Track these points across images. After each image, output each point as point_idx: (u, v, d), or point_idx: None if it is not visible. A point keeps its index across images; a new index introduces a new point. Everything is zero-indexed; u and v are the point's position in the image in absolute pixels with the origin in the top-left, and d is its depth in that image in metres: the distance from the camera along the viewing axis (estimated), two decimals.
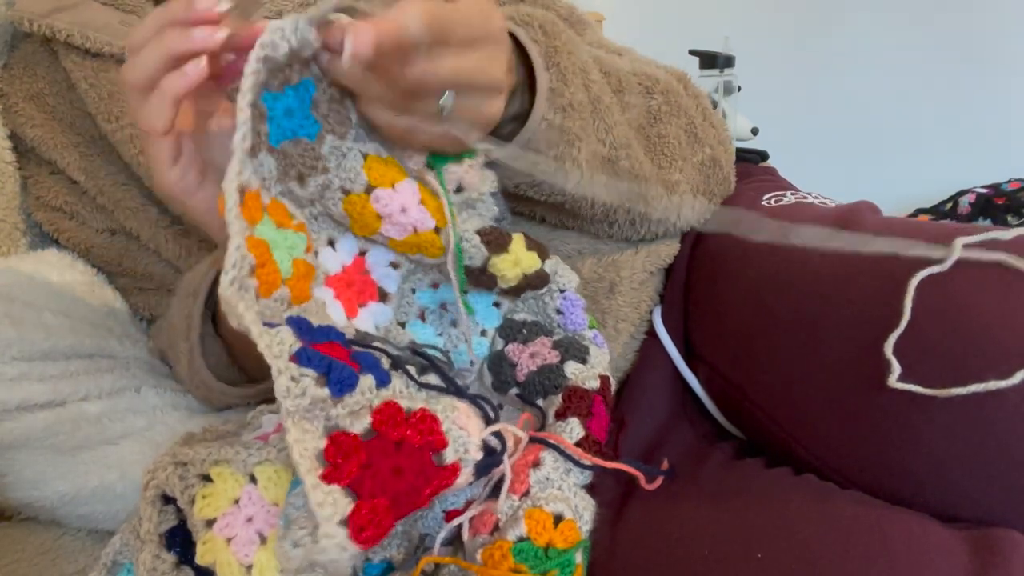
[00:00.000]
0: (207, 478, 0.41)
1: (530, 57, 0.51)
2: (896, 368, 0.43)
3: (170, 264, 0.67)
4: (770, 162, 1.11)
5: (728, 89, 1.28)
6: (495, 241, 0.49)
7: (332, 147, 0.44)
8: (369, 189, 0.45)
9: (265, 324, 0.37)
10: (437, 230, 0.47)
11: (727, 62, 1.29)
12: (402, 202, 0.46)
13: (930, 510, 0.43)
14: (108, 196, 0.66)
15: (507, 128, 0.52)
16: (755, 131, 1.30)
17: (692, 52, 1.32)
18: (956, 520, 0.43)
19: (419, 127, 0.44)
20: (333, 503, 0.34)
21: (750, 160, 0.99)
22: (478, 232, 0.49)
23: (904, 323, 0.43)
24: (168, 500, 0.42)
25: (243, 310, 0.36)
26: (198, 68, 0.40)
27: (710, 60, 1.30)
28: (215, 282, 0.53)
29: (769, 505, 0.45)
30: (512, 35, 0.51)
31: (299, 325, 0.39)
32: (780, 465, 0.53)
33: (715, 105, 0.71)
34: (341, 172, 0.45)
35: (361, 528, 0.34)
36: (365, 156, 0.46)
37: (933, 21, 1.94)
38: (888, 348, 0.43)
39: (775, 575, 0.39)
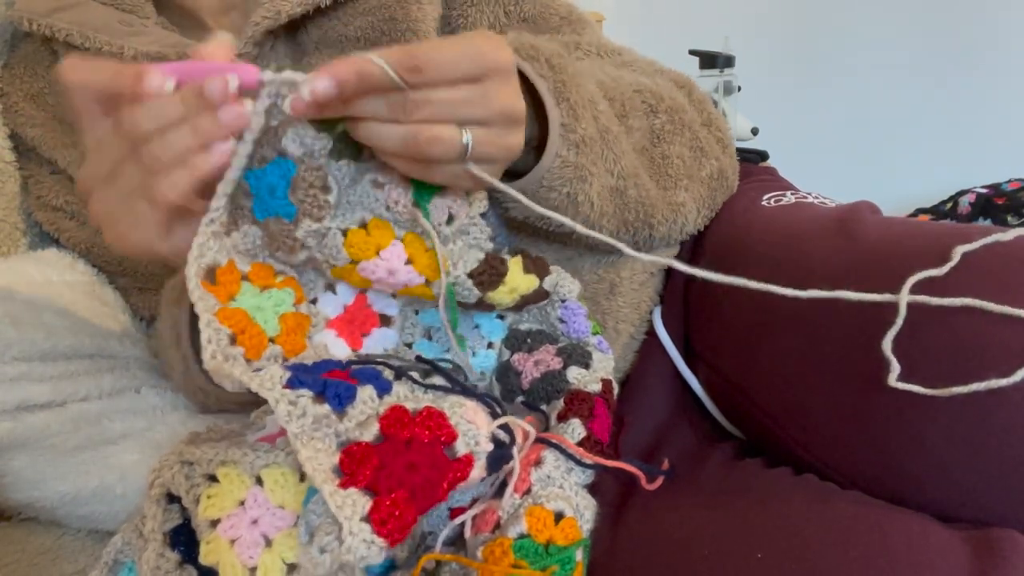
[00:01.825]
0: (213, 478, 0.41)
1: (538, 91, 0.51)
2: (895, 367, 0.43)
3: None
4: (770, 162, 1.11)
5: (728, 89, 1.29)
6: (488, 280, 0.49)
7: (308, 231, 0.44)
8: (353, 263, 0.46)
9: (255, 371, 0.38)
10: (428, 283, 0.48)
11: (727, 62, 1.29)
12: (389, 267, 0.46)
13: (930, 510, 0.44)
14: None
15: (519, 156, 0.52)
16: (755, 131, 1.30)
17: (692, 52, 1.32)
18: (956, 520, 0.43)
19: (440, 169, 0.44)
20: (352, 503, 0.35)
21: (750, 160, 0.99)
22: (471, 274, 0.49)
23: (900, 321, 0.43)
24: (173, 499, 0.43)
25: (229, 369, 0.38)
26: (226, 150, 0.40)
27: (710, 60, 1.30)
28: None
29: (769, 505, 0.45)
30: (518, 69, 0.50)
31: (292, 367, 0.40)
32: (780, 465, 0.53)
33: (715, 105, 0.72)
34: (323, 250, 0.45)
35: (383, 521, 0.35)
36: (345, 232, 0.45)
37: (933, 21, 1.94)
38: (886, 347, 0.43)
39: (775, 575, 0.39)
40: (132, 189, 0.41)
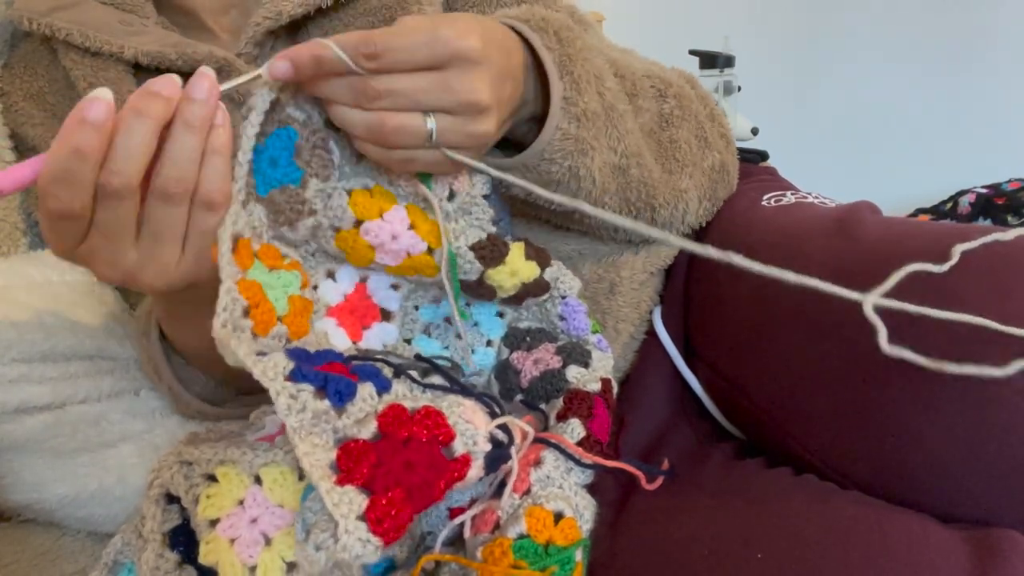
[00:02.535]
0: (212, 478, 0.41)
1: (544, 65, 0.51)
2: (882, 329, 0.42)
3: None
4: (770, 162, 1.11)
5: (728, 89, 1.29)
6: (490, 255, 0.50)
7: (317, 190, 0.45)
8: (358, 223, 0.46)
9: (259, 355, 0.38)
10: (430, 251, 0.48)
11: (727, 62, 1.29)
12: (392, 230, 0.47)
13: (930, 510, 0.44)
14: None
15: (522, 130, 0.52)
16: (755, 131, 1.30)
17: (692, 52, 1.32)
18: (956, 520, 0.43)
19: (412, 156, 0.44)
20: (349, 501, 0.35)
21: (750, 160, 0.99)
22: (472, 247, 0.49)
23: (887, 286, 0.42)
24: (172, 499, 0.43)
25: (235, 347, 0.37)
26: (227, 119, 0.40)
27: (710, 60, 1.30)
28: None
29: (769, 505, 0.45)
30: (528, 41, 0.51)
31: (295, 353, 0.40)
32: (780, 465, 0.53)
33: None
34: (328, 212, 0.46)
35: (379, 520, 0.35)
36: (350, 192, 0.46)
37: (933, 21, 1.94)
38: (868, 311, 0.42)
39: (775, 575, 0.39)
40: (171, 223, 0.40)
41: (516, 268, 0.51)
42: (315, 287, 0.49)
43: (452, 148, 0.44)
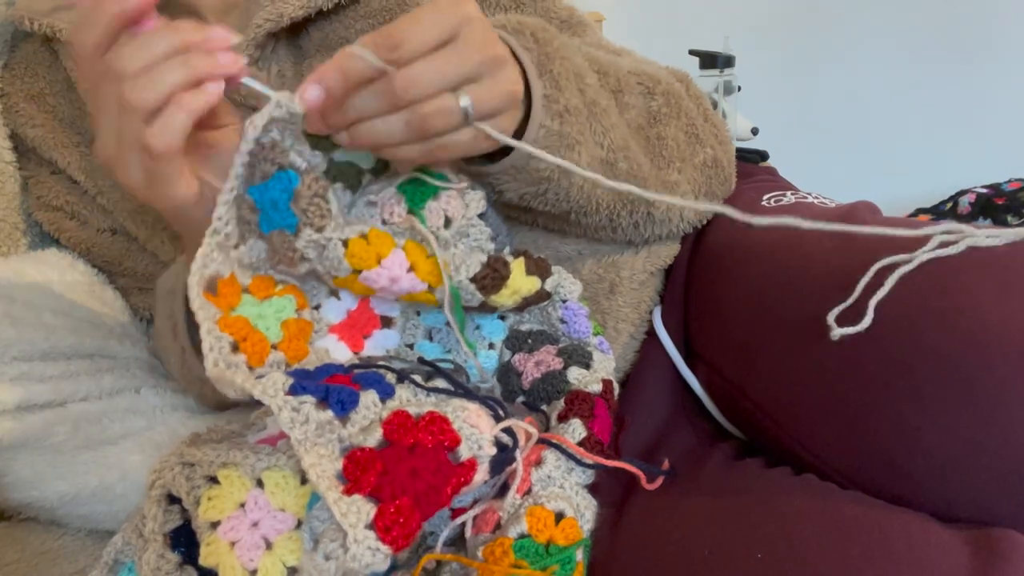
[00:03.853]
0: (214, 480, 0.41)
1: (523, 65, 0.51)
2: (835, 327, 0.44)
3: (169, 265, 0.67)
4: (770, 162, 1.11)
5: (728, 89, 1.28)
6: (491, 284, 0.50)
7: (309, 240, 0.44)
8: (356, 272, 0.46)
9: (258, 378, 0.39)
10: (431, 289, 0.48)
11: (727, 62, 1.29)
12: (390, 276, 0.46)
13: (930, 510, 0.44)
14: (108, 196, 0.66)
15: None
16: (755, 131, 1.30)
17: (692, 52, 1.32)
18: (956, 520, 0.43)
19: (451, 141, 0.45)
20: (357, 510, 0.35)
21: (750, 160, 0.99)
22: (473, 279, 0.49)
23: (851, 300, 0.44)
24: (173, 500, 0.43)
25: (232, 377, 0.38)
26: (219, 87, 0.41)
27: (710, 60, 1.30)
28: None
29: (769, 505, 0.45)
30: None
31: (295, 373, 0.40)
32: (780, 465, 0.53)
33: (715, 105, 0.72)
34: (324, 262, 0.45)
35: (387, 528, 0.35)
36: (346, 243, 0.45)
37: (933, 21, 1.94)
38: (831, 318, 0.45)
39: (775, 575, 0.39)
40: (132, 138, 0.40)
41: (517, 287, 0.51)
42: (317, 307, 0.49)
43: (489, 114, 0.44)
